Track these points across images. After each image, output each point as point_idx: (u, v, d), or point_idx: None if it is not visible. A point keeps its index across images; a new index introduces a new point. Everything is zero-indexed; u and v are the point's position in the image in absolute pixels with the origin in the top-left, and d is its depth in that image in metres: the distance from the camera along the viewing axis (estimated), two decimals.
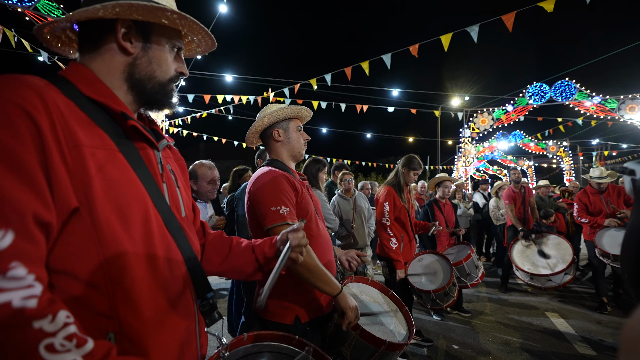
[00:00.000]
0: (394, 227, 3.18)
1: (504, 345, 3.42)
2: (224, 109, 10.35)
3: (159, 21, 0.79)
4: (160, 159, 0.86)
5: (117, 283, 0.67)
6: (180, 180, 0.95)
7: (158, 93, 0.84)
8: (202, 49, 1.01)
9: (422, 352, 3.30)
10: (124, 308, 0.68)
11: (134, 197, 0.73)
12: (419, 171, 3.26)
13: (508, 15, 4.45)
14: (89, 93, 0.73)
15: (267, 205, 1.40)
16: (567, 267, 3.90)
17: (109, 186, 0.68)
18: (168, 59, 0.85)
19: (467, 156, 13.66)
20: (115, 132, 0.75)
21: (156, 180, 0.81)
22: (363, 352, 1.37)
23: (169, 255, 0.79)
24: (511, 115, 12.29)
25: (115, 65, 0.79)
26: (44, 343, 0.49)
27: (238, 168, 3.64)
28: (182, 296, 0.81)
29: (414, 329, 1.55)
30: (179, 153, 1.04)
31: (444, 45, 5.03)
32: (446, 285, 2.93)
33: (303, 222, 1.04)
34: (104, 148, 0.70)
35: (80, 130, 0.66)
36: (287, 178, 1.49)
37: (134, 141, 0.79)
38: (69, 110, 0.67)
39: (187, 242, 0.85)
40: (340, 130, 19.13)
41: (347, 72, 6.57)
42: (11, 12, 6.43)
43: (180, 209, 0.89)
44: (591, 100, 10.65)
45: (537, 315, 4.23)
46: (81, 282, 0.64)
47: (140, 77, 0.81)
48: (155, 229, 0.76)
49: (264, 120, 1.57)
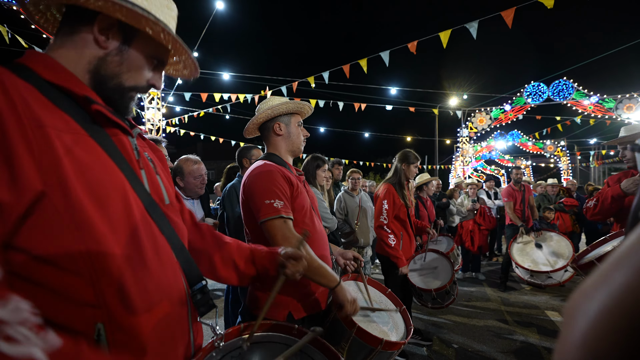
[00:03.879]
0: (393, 224, 3.14)
1: (504, 345, 3.38)
2: (221, 108, 10.28)
3: (142, 28, 0.78)
4: (136, 145, 0.83)
5: (101, 270, 0.65)
6: (159, 167, 0.92)
7: (116, 94, 0.80)
8: (187, 72, 0.98)
9: (421, 351, 3.25)
10: (112, 296, 0.66)
11: (110, 181, 0.70)
12: (418, 163, 3.21)
13: (508, 12, 4.41)
14: (50, 77, 0.70)
15: (261, 198, 1.39)
16: (567, 264, 3.87)
17: (80, 170, 0.65)
18: (142, 67, 0.82)
19: (465, 156, 13.66)
20: (81, 116, 0.72)
21: (132, 166, 0.78)
22: (360, 351, 1.35)
23: (155, 242, 0.77)
24: (509, 115, 12.29)
25: (84, 55, 0.76)
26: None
27: (232, 165, 3.58)
28: (172, 283, 0.79)
29: (411, 328, 1.54)
30: (154, 144, 1.01)
31: (443, 42, 4.98)
32: (447, 283, 2.91)
33: (306, 235, 1.05)
34: (69, 132, 0.67)
35: (43, 113, 0.64)
36: (282, 172, 1.47)
37: (103, 127, 0.76)
38: (29, 92, 0.64)
39: (172, 229, 0.84)
40: (338, 129, 19.10)
41: (345, 70, 6.52)
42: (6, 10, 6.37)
43: (163, 196, 0.87)
44: (589, 100, 10.66)
45: (537, 314, 4.20)
46: (63, 271, 0.62)
47: (105, 73, 0.78)
48: (137, 214, 0.74)
49: (267, 112, 1.56)
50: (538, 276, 3.97)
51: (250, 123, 1.60)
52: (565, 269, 3.82)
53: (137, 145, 0.84)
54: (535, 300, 4.73)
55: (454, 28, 4.87)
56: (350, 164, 14.97)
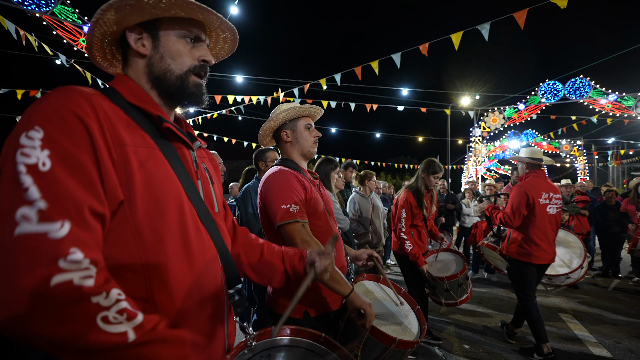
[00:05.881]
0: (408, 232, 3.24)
1: (516, 346, 3.39)
2: (234, 109, 10.45)
3: (157, 16, 0.84)
4: (195, 158, 0.92)
5: (154, 269, 0.73)
6: (214, 178, 1.01)
7: (177, 86, 0.87)
8: (228, 45, 1.04)
9: (433, 350, 3.30)
10: (160, 293, 0.74)
11: (170, 190, 0.79)
12: (440, 174, 3.23)
13: (520, 13, 4.39)
14: (131, 99, 0.82)
15: (277, 203, 1.44)
16: (583, 261, 3.77)
17: (148, 181, 0.75)
18: (181, 49, 0.87)
19: (478, 155, 13.49)
20: (154, 133, 0.83)
21: (191, 177, 0.88)
22: (374, 350, 1.38)
23: (203, 245, 0.84)
24: (523, 114, 12.09)
25: (139, 70, 0.87)
26: (100, 315, 0.57)
27: (250, 168, 3.70)
28: (214, 284, 0.86)
29: (425, 328, 1.55)
30: (212, 155, 1.11)
31: (455, 44, 4.99)
32: (459, 273, 2.89)
33: (336, 237, 1.07)
34: (145, 146, 0.78)
35: (124, 132, 0.74)
36: (296, 177, 1.52)
37: (171, 141, 0.86)
38: (115, 114, 0.74)
39: (219, 234, 0.91)
40: (350, 130, 19.10)
41: (357, 72, 6.57)
42: (30, 17, 6.66)
43: (214, 204, 0.96)
44: (606, 98, 10.39)
45: (550, 317, 4.17)
46: (122, 267, 0.71)
47: (157, 73, 0.86)
48: (190, 220, 0.81)
49: (270, 123, 1.62)
50: (557, 278, 3.86)
51: (260, 136, 1.68)
52: (581, 266, 3.71)
53: (197, 157, 0.94)
54: (548, 302, 4.69)
55: (465, 30, 4.87)
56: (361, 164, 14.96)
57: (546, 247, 3.10)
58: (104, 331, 0.56)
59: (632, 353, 3.26)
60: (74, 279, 0.56)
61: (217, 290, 0.86)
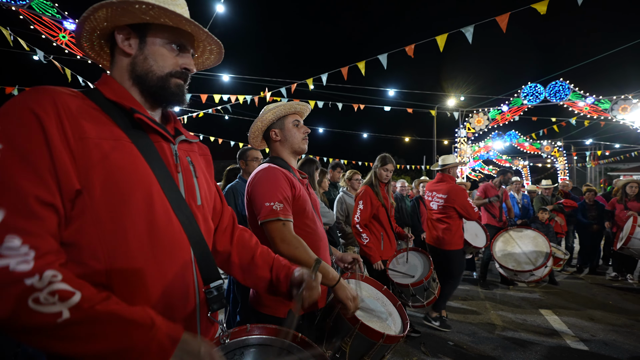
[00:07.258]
0: (373, 225, 3.31)
1: (498, 342, 3.47)
2: (221, 109, 10.33)
3: (145, 21, 0.87)
4: (176, 151, 0.93)
5: (113, 256, 0.75)
6: (200, 171, 1.01)
7: (158, 86, 0.90)
8: (214, 56, 1.08)
9: (417, 348, 3.34)
10: (118, 280, 0.75)
11: (137, 181, 0.80)
12: (389, 166, 3.35)
13: (502, 17, 4.50)
14: (110, 96, 0.85)
15: (261, 200, 1.45)
16: (547, 261, 4.09)
17: (110, 171, 0.76)
18: (165, 54, 0.91)
19: (463, 156, 13.74)
20: (126, 126, 0.84)
21: (169, 169, 0.89)
22: (362, 345, 1.40)
23: (173, 237, 0.84)
24: (506, 115, 12.38)
25: (123, 67, 0.90)
26: (32, 297, 0.60)
27: (232, 167, 3.67)
28: (181, 276, 0.85)
29: (407, 322, 1.59)
30: (205, 149, 1.13)
31: (440, 46, 5.06)
32: (424, 279, 2.89)
33: (319, 263, 1.10)
34: (112, 139, 0.79)
35: (89, 126, 0.76)
36: (284, 174, 1.52)
37: (148, 134, 0.88)
38: (83, 111, 0.77)
39: (196, 227, 0.91)
40: (337, 130, 19.17)
41: (343, 72, 6.59)
42: (5, 10, 6.40)
43: (196, 197, 0.95)
44: (585, 101, 10.75)
45: (531, 313, 4.29)
46: (84, 253, 0.73)
47: (139, 73, 0.89)
48: (159, 211, 0.82)
49: (258, 124, 1.63)
50: (522, 275, 4.18)
51: (249, 138, 1.69)
52: (545, 265, 4.06)
53: (183, 150, 0.96)
54: (529, 298, 4.82)
55: (450, 32, 4.96)
56: (349, 164, 15.03)
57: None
58: (35, 311, 0.59)
59: (607, 346, 3.38)
60: (10, 264, 0.59)
61: (184, 283, 0.86)
